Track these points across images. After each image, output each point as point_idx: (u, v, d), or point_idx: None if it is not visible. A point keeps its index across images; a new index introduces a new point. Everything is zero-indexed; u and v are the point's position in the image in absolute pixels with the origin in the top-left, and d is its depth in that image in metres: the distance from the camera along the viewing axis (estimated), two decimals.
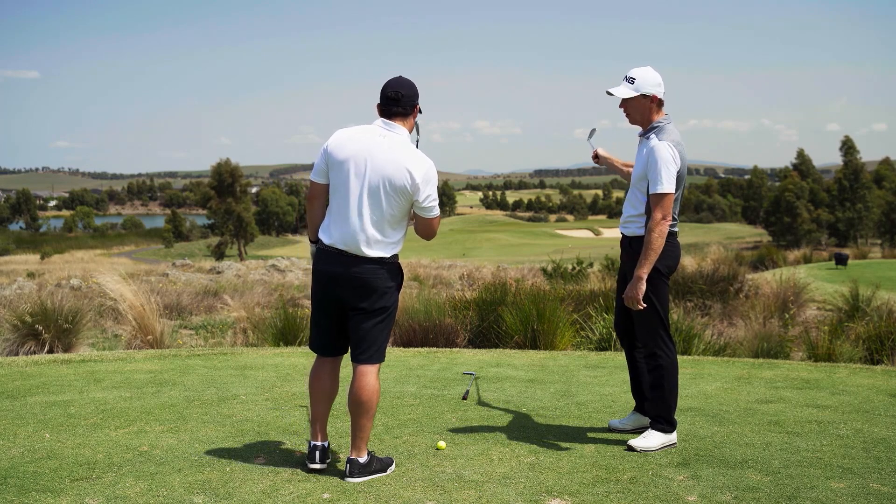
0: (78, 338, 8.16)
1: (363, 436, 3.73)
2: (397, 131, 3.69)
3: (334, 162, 3.66)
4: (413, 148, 3.71)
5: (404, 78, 3.75)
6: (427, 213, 3.72)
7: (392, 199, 3.61)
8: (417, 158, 3.65)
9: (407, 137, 3.72)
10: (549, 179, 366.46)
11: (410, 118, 3.75)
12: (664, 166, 4.06)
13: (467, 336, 8.72)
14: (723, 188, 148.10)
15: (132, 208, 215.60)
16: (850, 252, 29.43)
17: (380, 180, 3.59)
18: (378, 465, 3.77)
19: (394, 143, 3.65)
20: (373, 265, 3.66)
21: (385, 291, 3.71)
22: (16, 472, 3.75)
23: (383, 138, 3.65)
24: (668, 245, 4.18)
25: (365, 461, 3.73)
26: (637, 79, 4.20)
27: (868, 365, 7.05)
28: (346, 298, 3.71)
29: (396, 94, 3.67)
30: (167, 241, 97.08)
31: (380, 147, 3.62)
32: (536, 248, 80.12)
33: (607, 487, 3.61)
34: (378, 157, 3.60)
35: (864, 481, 3.67)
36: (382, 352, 3.79)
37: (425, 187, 3.63)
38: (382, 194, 3.60)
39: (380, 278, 3.68)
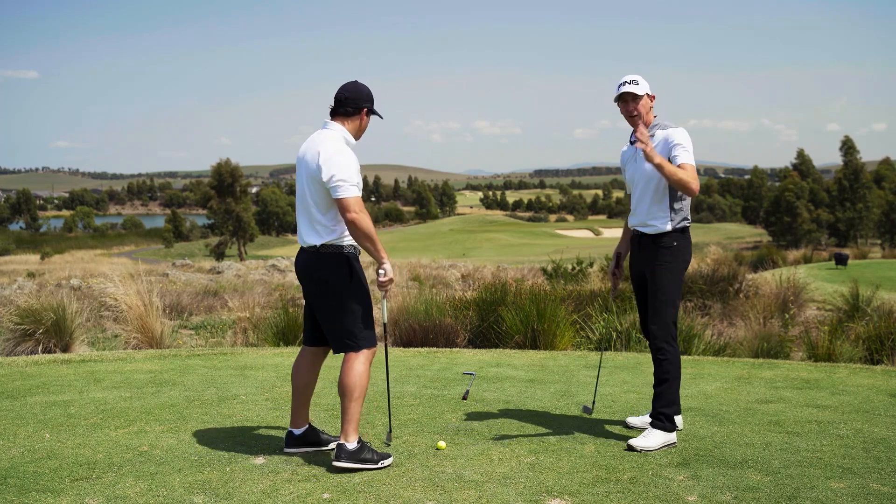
0: (78, 338, 8.16)
1: (348, 419, 3.85)
2: (330, 127, 3.96)
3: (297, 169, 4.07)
4: (335, 138, 3.91)
5: (357, 82, 4.05)
6: (334, 193, 3.82)
7: (312, 184, 3.88)
8: (330, 145, 3.87)
9: (338, 132, 3.94)
10: (549, 179, 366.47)
11: (355, 118, 4.00)
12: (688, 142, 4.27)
13: (467, 336, 8.72)
14: (723, 188, 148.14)
15: (132, 208, 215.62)
16: (850, 252, 29.42)
17: (304, 170, 3.93)
18: (369, 455, 3.84)
19: (321, 137, 3.93)
20: (311, 254, 3.92)
21: (327, 278, 3.88)
22: (16, 472, 3.75)
23: (317, 135, 3.97)
24: (684, 239, 4.37)
25: (353, 448, 3.82)
26: (639, 80, 4.35)
27: (868, 365, 7.05)
28: (305, 290, 4.04)
29: (341, 95, 3.99)
30: (167, 241, 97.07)
31: (311, 143, 3.95)
32: (536, 248, 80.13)
33: (607, 487, 3.61)
34: (307, 152, 3.94)
35: (864, 481, 3.67)
36: (356, 341, 3.90)
37: (327, 166, 3.81)
38: (306, 182, 3.91)
39: (323, 268, 3.89)
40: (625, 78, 4.37)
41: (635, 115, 4.35)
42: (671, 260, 4.34)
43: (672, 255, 4.33)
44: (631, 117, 4.37)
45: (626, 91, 4.31)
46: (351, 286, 3.90)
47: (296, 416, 4.14)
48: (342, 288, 3.88)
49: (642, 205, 4.40)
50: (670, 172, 4.14)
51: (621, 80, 4.37)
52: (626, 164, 4.59)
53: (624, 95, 4.34)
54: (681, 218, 4.35)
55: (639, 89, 4.31)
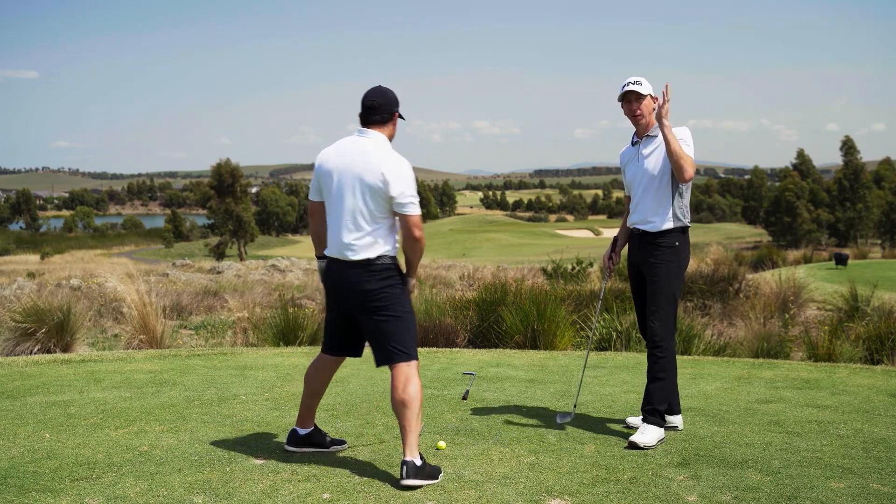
0: (78, 338, 8.16)
1: (411, 434, 3.71)
2: (370, 136, 3.84)
3: (323, 179, 3.88)
4: (387, 149, 3.82)
5: (382, 87, 3.92)
6: (402, 208, 3.77)
7: (371, 199, 3.75)
8: (389, 156, 3.78)
9: (382, 141, 3.84)
10: (549, 179, 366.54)
11: (389, 125, 3.90)
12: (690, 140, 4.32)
13: (467, 336, 8.72)
14: (723, 188, 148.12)
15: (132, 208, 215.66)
16: (850, 252, 29.41)
17: (356, 183, 3.76)
18: (430, 470, 3.71)
19: (366, 147, 3.80)
20: (361, 269, 3.79)
21: (378, 292, 3.78)
22: (16, 472, 3.75)
23: (356, 145, 3.82)
24: (685, 239, 4.43)
25: (420, 464, 3.67)
26: (643, 82, 4.40)
27: (868, 365, 7.05)
28: (348, 304, 3.88)
29: (373, 103, 3.85)
30: (167, 241, 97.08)
31: (353, 153, 3.80)
32: (536, 248, 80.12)
33: (607, 487, 3.61)
34: (351, 164, 3.78)
35: (864, 481, 3.67)
36: (407, 350, 3.81)
37: (397, 182, 3.72)
38: (362, 197, 3.76)
39: (372, 280, 3.78)
40: (629, 79, 4.42)
41: (638, 115, 4.38)
42: (673, 259, 4.37)
43: (674, 254, 4.38)
44: (634, 117, 4.41)
45: (630, 90, 4.36)
46: (403, 297, 3.85)
47: (304, 416, 4.13)
48: (396, 299, 3.81)
49: (644, 203, 4.42)
50: (675, 148, 4.21)
51: (625, 81, 4.43)
52: (626, 164, 4.60)
53: (628, 95, 4.38)
54: (682, 217, 4.39)
55: (642, 89, 4.36)
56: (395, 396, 3.76)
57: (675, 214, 4.39)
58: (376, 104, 3.85)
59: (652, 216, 4.39)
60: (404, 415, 3.72)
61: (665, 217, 4.37)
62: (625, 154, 4.63)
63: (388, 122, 3.89)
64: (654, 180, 4.38)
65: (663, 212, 4.37)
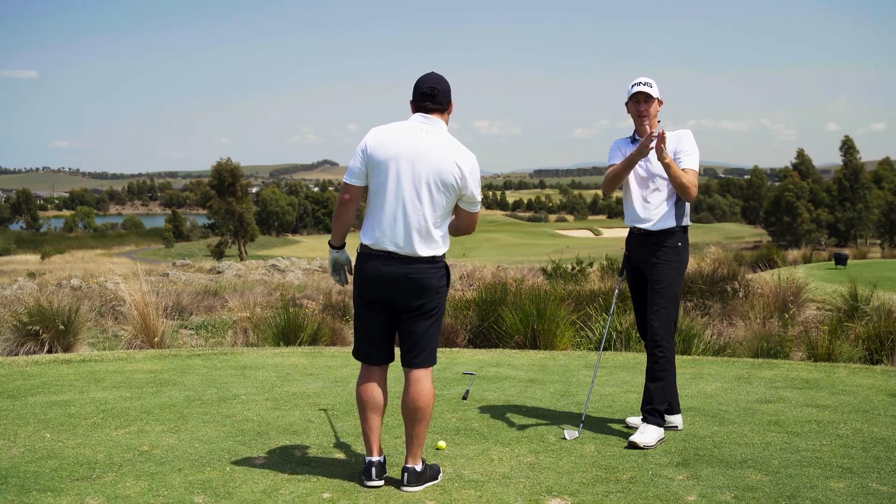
0: (78, 338, 8.16)
1: (420, 443, 3.63)
2: (437, 126, 3.60)
3: (376, 162, 3.52)
4: (457, 141, 3.61)
5: (438, 74, 3.67)
6: (473, 206, 3.67)
7: (442, 194, 3.52)
8: (464, 152, 3.58)
9: (446, 131, 3.64)
10: (549, 179, 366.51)
11: (446, 114, 3.68)
12: (694, 148, 4.38)
13: (467, 336, 8.73)
14: (722, 188, 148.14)
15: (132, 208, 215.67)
16: (850, 252, 29.41)
17: (429, 176, 3.50)
18: (430, 473, 3.68)
19: (438, 138, 3.56)
20: (427, 264, 3.55)
21: (438, 290, 3.61)
22: (16, 472, 3.75)
23: (426, 134, 3.55)
24: (686, 239, 4.47)
25: (421, 469, 3.63)
26: (653, 84, 4.41)
27: (867, 365, 7.05)
28: (398, 301, 3.58)
29: (432, 89, 3.60)
30: (167, 241, 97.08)
31: (425, 143, 3.52)
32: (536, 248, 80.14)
33: (607, 487, 3.61)
34: (424, 153, 3.50)
35: (863, 481, 3.67)
36: (435, 354, 3.69)
37: (472, 180, 3.59)
38: (434, 190, 3.51)
39: (434, 277, 3.57)
40: (639, 79, 4.42)
41: (644, 116, 4.39)
42: (675, 259, 4.39)
43: (676, 254, 4.40)
44: (640, 117, 4.41)
45: (641, 91, 4.36)
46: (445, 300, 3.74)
47: (377, 442, 3.70)
48: (444, 301, 3.69)
49: (646, 203, 4.43)
50: (676, 174, 4.26)
51: (634, 81, 4.42)
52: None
53: (637, 95, 4.39)
54: (684, 217, 4.42)
55: (653, 91, 4.38)
56: (412, 402, 3.59)
57: (677, 214, 4.41)
58: (436, 91, 3.59)
59: (655, 216, 4.41)
60: (417, 423, 3.60)
61: (668, 217, 4.40)
62: (620, 146, 4.58)
63: (445, 110, 3.66)
64: (657, 180, 4.40)
65: (666, 212, 4.40)
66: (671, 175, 4.27)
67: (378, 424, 3.69)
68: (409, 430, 3.64)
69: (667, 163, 4.22)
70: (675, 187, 4.32)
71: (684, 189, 4.30)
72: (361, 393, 3.69)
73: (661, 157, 4.21)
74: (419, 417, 3.59)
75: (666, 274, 4.38)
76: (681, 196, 4.38)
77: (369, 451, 3.69)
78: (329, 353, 7.30)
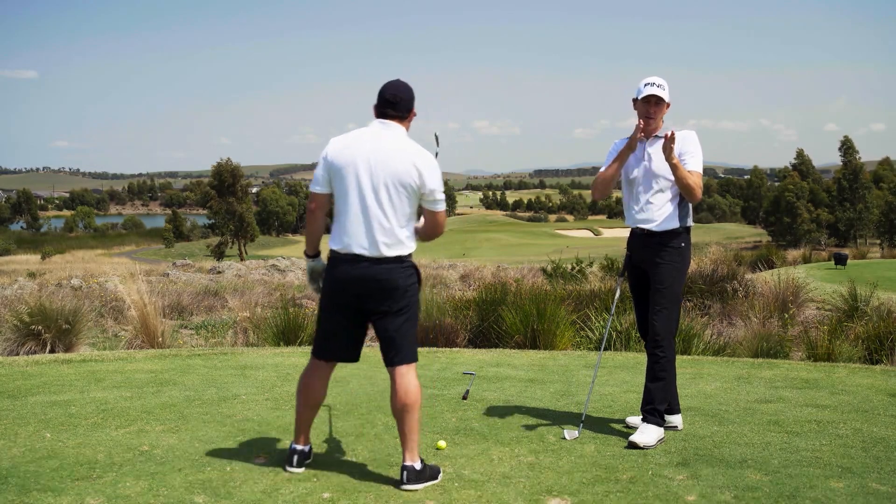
0: (78, 338, 8.17)
1: (413, 438, 3.67)
2: (395, 131, 3.69)
3: (336, 169, 3.63)
4: (415, 144, 3.71)
5: (403, 82, 3.76)
6: (436, 205, 3.70)
7: (402, 195, 3.60)
8: (421, 153, 3.66)
9: (405, 135, 3.72)
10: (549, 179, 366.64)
11: (406, 121, 3.77)
12: (699, 150, 4.38)
13: (467, 336, 8.73)
14: (722, 188, 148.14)
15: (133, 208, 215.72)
16: (850, 252, 29.42)
17: (387, 179, 3.58)
18: (430, 473, 3.70)
19: (394, 141, 3.65)
20: (393, 264, 3.63)
21: (407, 289, 3.66)
22: (17, 472, 3.75)
23: (383, 139, 3.65)
24: (688, 240, 4.47)
25: (420, 468, 3.65)
26: (665, 86, 4.38)
27: (867, 365, 7.06)
28: (368, 302, 3.65)
29: (395, 97, 3.70)
30: (168, 241, 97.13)
31: (382, 147, 3.62)
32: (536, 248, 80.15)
33: (607, 487, 3.61)
34: (381, 157, 3.60)
35: (863, 481, 3.68)
36: (415, 351, 3.75)
37: (432, 179, 3.63)
38: (393, 192, 3.59)
39: (401, 277, 3.64)
40: (652, 79, 4.39)
41: (652, 118, 4.39)
42: (679, 260, 4.39)
43: (679, 254, 4.40)
44: (647, 118, 4.40)
45: (654, 94, 4.35)
46: (418, 298, 3.79)
47: (306, 433, 3.89)
48: (416, 299, 3.75)
49: (650, 203, 4.43)
50: (683, 175, 4.26)
51: (648, 81, 4.39)
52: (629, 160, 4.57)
53: (649, 98, 4.37)
54: (687, 217, 4.43)
55: (664, 94, 4.36)
56: (399, 400, 3.65)
57: (681, 215, 4.41)
58: (398, 98, 3.70)
59: (658, 216, 4.41)
60: (407, 419, 3.65)
61: (672, 217, 4.41)
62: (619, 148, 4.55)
63: (405, 118, 3.75)
64: (660, 181, 4.40)
65: (670, 213, 4.40)
66: (678, 176, 4.27)
67: (311, 417, 3.86)
68: (400, 427, 3.69)
69: (674, 164, 4.23)
70: (681, 188, 4.32)
71: (690, 191, 4.30)
72: (303, 386, 3.84)
73: (669, 158, 4.21)
74: (408, 413, 3.65)
75: (669, 274, 4.38)
76: (686, 198, 4.39)
77: (296, 439, 3.84)
78: None
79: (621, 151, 4.42)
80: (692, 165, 4.33)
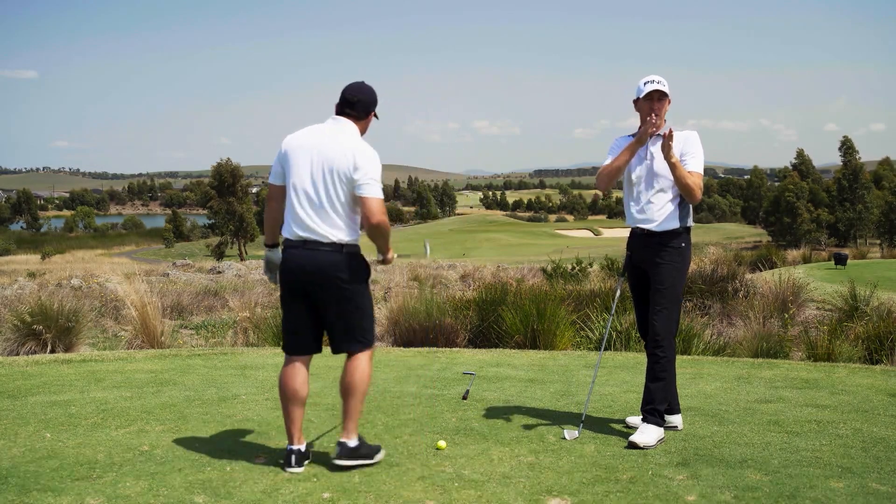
0: (78, 338, 8.17)
1: (351, 417, 3.84)
2: (346, 128, 3.86)
3: (288, 161, 3.84)
4: (361, 141, 3.84)
5: (366, 85, 3.94)
6: (362, 189, 3.75)
7: (339, 184, 3.75)
8: (362, 148, 3.81)
9: (355, 130, 3.85)
10: (549, 179, 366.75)
11: (363, 122, 3.92)
12: (700, 150, 4.38)
13: (467, 336, 8.73)
14: (722, 188, 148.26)
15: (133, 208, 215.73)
16: (850, 252, 29.41)
17: (327, 166, 3.76)
18: (366, 451, 3.87)
19: (338, 133, 3.83)
20: (333, 251, 3.77)
21: (349, 277, 3.80)
22: (16, 472, 3.75)
23: (332, 132, 3.84)
24: (689, 240, 4.46)
25: (354, 445, 3.83)
26: (665, 83, 4.38)
27: (867, 365, 7.06)
28: (313, 290, 3.80)
29: (353, 97, 3.88)
30: (168, 241, 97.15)
31: (326, 138, 3.82)
32: (536, 248, 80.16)
33: (607, 487, 3.61)
34: (325, 148, 3.79)
35: (863, 481, 3.68)
36: (368, 338, 3.88)
37: (362, 164, 3.74)
38: (330, 179, 3.76)
39: (340, 263, 3.78)
40: (651, 77, 4.39)
41: (657, 115, 4.38)
42: (679, 260, 4.39)
43: (680, 254, 4.39)
44: (649, 116, 4.39)
45: (657, 89, 4.35)
46: (367, 285, 3.89)
47: (298, 432, 3.88)
48: (361, 286, 3.85)
49: (651, 203, 4.42)
50: (682, 174, 4.26)
51: (647, 79, 4.39)
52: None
53: (652, 94, 4.37)
54: (687, 217, 4.43)
55: (666, 89, 4.37)
56: (345, 379, 3.84)
57: (681, 215, 4.41)
58: (356, 100, 3.88)
59: (659, 216, 4.40)
60: (349, 399, 3.83)
61: (673, 217, 4.40)
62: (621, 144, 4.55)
63: (363, 119, 3.92)
64: (662, 180, 4.39)
65: (671, 212, 4.40)
66: (677, 176, 4.26)
67: (300, 415, 3.89)
68: (343, 406, 3.87)
69: (673, 163, 4.22)
70: (680, 188, 4.31)
71: (689, 191, 4.30)
72: (283, 384, 3.90)
73: (668, 157, 4.20)
74: (350, 393, 3.84)
75: (669, 275, 4.37)
76: (685, 198, 4.38)
77: (290, 440, 3.88)
78: (329, 353, 7.29)
79: (631, 143, 4.38)
80: (693, 166, 4.33)
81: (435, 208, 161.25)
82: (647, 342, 4.49)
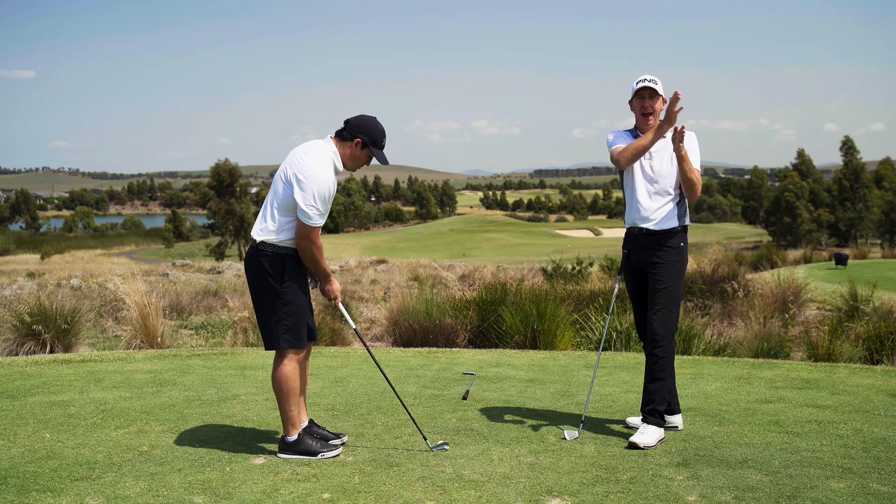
0: (78, 338, 8.16)
1: (283, 416, 4.06)
2: (324, 144, 4.01)
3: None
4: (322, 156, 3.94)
5: (368, 117, 4.09)
6: (300, 215, 3.88)
7: (282, 187, 3.93)
8: (317, 158, 3.92)
9: (326, 150, 3.98)
10: (549, 179, 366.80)
11: (347, 145, 4.04)
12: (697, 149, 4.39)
13: (467, 336, 8.72)
14: (723, 188, 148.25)
15: (132, 208, 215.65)
16: (850, 252, 29.39)
17: (282, 173, 3.97)
18: (304, 447, 4.03)
19: (311, 148, 3.98)
20: (256, 248, 3.97)
21: (265, 277, 3.95)
22: (16, 472, 3.75)
23: (307, 146, 4.02)
24: (686, 239, 4.48)
25: (291, 440, 4.04)
26: (658, 81, 4.41)
27: (868, 365, 7.05)
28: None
29: (349, 121, 4.06)
30: (167, 241, 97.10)
31: (299, 150, 4.00)
32: (536, 248, 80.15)
33: (607, 487, 3.61)
34: (291, 157, 3.99)
35: (863, 481, 3.67)
36: (274, 340, 3.99)
37: (302, 189, 3.85)
38: (282, 181, 3.95)
39: (256, 264, 3.96)
40: (643, 76, 4.43)
41: (650, 113, 4.38)
42: (678, 259, 4.39)
43: (678, 254, 4.40)
44: (644, 115, 4.40)
45: (647, 86, 4.37)
46: (281, 287, 3.96)
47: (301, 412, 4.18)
48: (272, 287, 3.96)
49: (650, 202, 4.42)
50: (689, 168, 4.29)
51: (640, 78, 4.42)
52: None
53: (642, 91, 4.38)
54: (685, 216, 4.43)
55: (658, 88, 4.39)
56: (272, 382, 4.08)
57: (679, 214, 4.42)
58: (348, 121, 4.05)
59: (657, 215, 4.40)
60: (276, 396, 4.07)
61: (671, 217, 4.41)
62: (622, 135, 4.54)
63: (346, 141, 4.03)
64: (662, 180, 4.40)
65: (669, 212, 4.40)
66: (683, 169, 4.28)
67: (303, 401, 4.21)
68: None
69: (682, 155, 4.25)
70: (684, 182, 4.34)
71: (692, 185, 4.33)
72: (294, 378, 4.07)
73: (678, 150, 4.23)
74: (276, 394, 4.07)
75: (668, 274, 4.37)
76: (687, 194, 4.39)
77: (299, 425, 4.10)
78: (329, 353, 7.30)
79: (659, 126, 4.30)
80: (693, 163, 4.35)
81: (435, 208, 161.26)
82: (645, 342, 4.49)
